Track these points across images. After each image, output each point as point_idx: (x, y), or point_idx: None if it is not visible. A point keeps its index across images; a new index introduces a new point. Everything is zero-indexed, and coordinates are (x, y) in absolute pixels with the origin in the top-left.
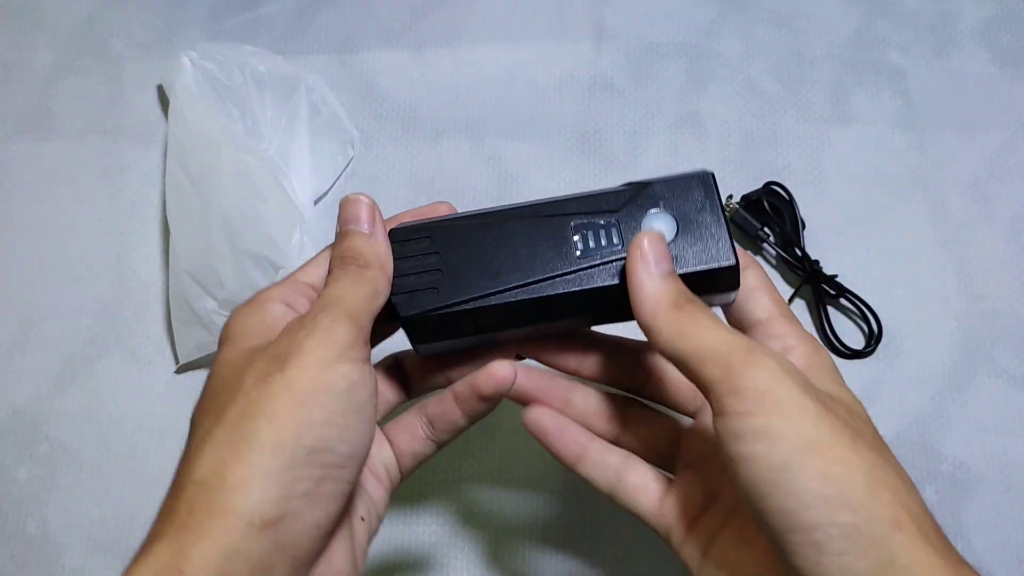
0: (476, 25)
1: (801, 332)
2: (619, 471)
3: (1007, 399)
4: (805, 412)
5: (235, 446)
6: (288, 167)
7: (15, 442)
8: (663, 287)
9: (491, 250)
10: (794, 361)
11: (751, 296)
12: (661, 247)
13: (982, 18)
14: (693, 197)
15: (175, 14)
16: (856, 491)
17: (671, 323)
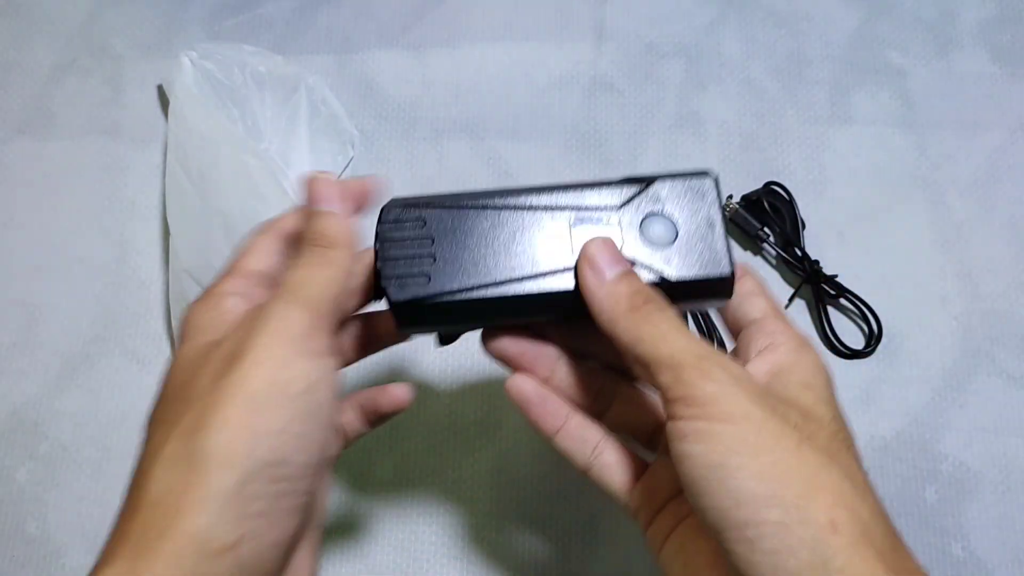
0: (476, 25)
1: (791, 332)
2: (596, 448)
3: (1007, 399)
4: (749, 418)
5: (188, 463)
6: (288, 167)
7: (15, 442)
8: (616, 291)
9: (487, 240)
10: (773, 359)
11: (747, 299)
12: (610, 251)
13: (982, 18)
14: (694, 201)
15: (175, 14)
16: (790, 491)
17: (628, 328)
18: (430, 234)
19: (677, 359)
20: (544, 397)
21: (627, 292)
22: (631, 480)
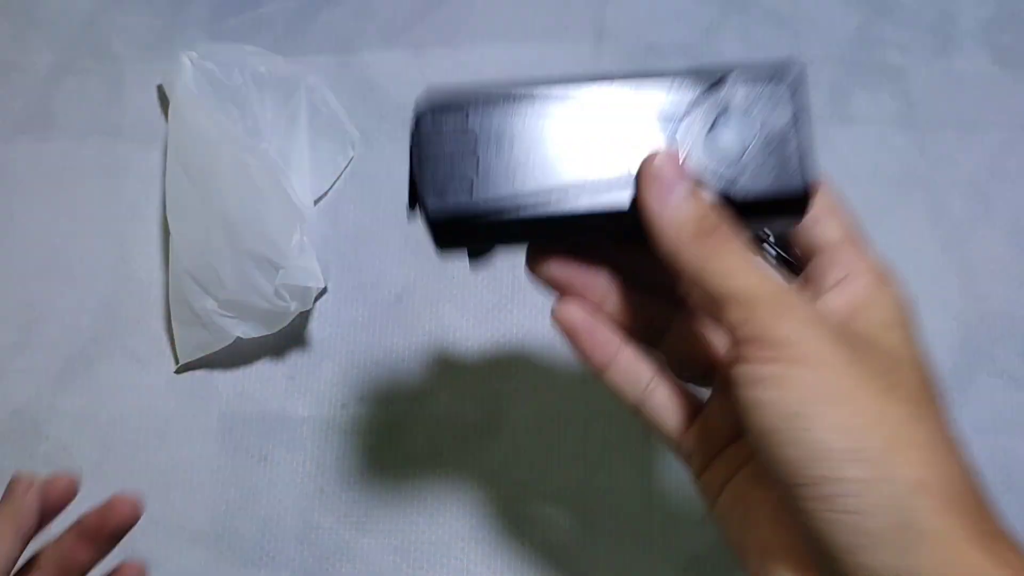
0: (476, 25)
1: (870, 263)
2: (649, 385)
3: (1007, 399)
4: (830, 363)
5: None
6: (288, 167)
7: (15, 442)
8: (681, 214)
9: (538, 142)
10: (851, 293)
11: (820, 220)
12: (674, 166)
13: (982, 18)
14: (774, 99)
15: (175, 14)
16: (874, 446)
17: (695, 257)
18: (473, 128)
19: (750, 295)
20: (593, 327)
21: (694, 216)
22: (685, 422)
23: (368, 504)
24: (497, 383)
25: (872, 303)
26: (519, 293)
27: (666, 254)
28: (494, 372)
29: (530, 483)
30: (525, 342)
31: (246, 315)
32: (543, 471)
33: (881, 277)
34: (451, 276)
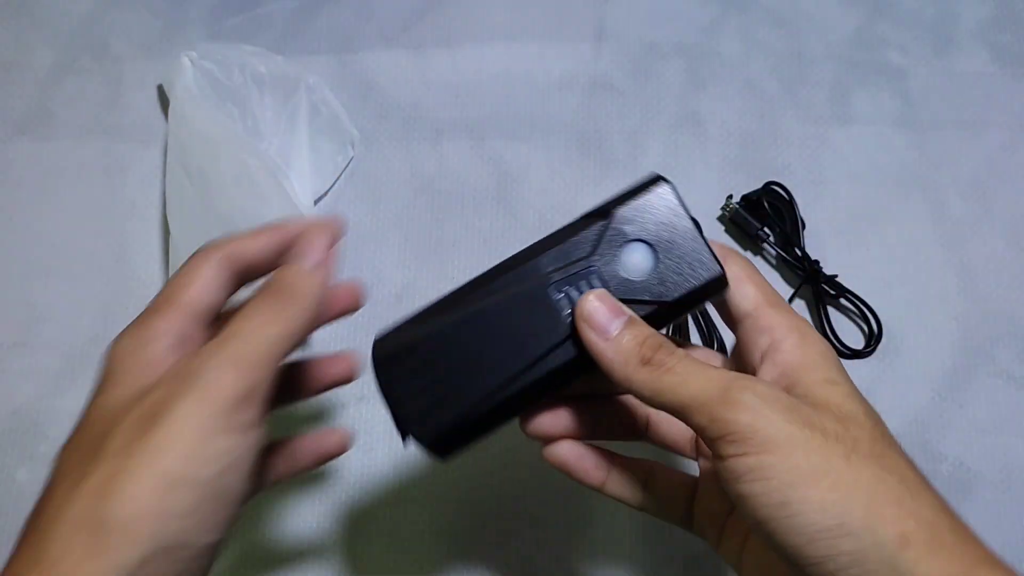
0: (476, 25)
1: (790, 322)
2: (647, 483)
3: (1007, 399)
4: (794, 442)
5: (91, 532)
6: (288, 167)
7: (15, 442)
8: (625, 347)
9: (483, 343)
10: (782, 361)
11: (735, 288)
12: (605, 305)
13: (982, 18)
14: (658, 213)
15: (175, 14)
16: (856, 515)
17: (646, 382)
18: (426, 359)
19: (703, 398)
20: (582, 455)
21: (635, 345)
22: (687, 505)
23: (368, 503)
24: None
25: (804, 363)
26: None
27: (621, 383)
28: None
29: (529, 483)
30: None
31: None
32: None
33: (802, 333)
34: (451, 276)
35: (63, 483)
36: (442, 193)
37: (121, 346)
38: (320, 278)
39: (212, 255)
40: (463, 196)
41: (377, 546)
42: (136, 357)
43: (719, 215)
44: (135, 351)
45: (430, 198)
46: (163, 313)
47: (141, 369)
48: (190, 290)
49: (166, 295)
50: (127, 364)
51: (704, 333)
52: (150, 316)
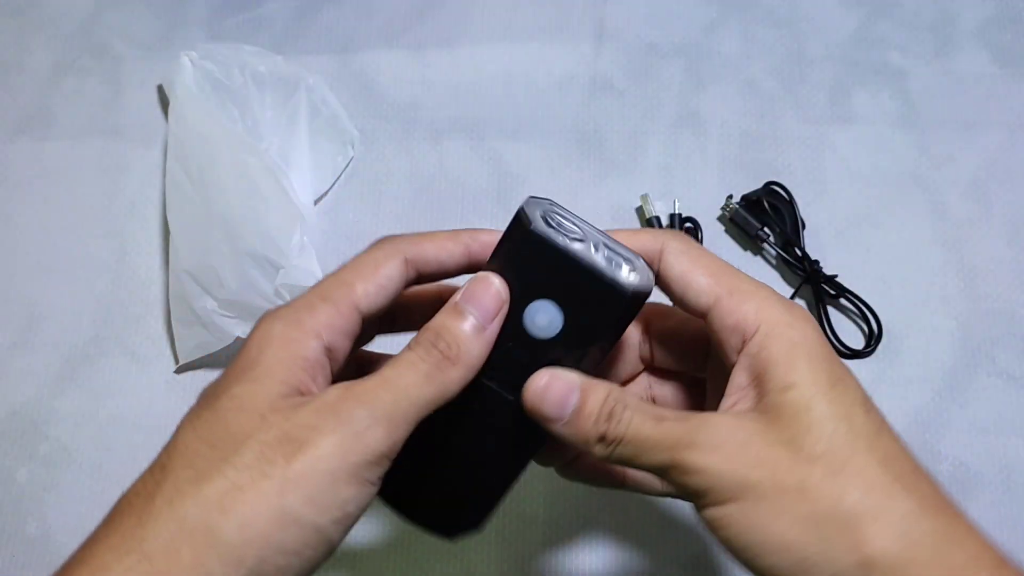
0: (476, 25)
1: (755, 312)
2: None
3: (1007, 399)
4: (746, 489)
5: (198, 543)
6: (288, 167)
7: (15, 442)
8: (581, 428)
9: (462, 449)
10: (750, 363)
11: (688, 283)
12: (546, 393)
13: (982, 18)
14: (538, 259)
15: (175, 14)
16: (813, 552)
17: (616, 450)
18: (426, 481)
19: (667, 454)
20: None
21: (591, 424)
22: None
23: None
24: None
25: (774, 353)
26: None
27: (596, 457)
28: None
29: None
30: None
31: (246, 315)
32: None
33: (771, 323)
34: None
35: (186, 468)
36: (442, 193)
37: (275, 331)
38: (486, 343)
39: (401, 249)
40: (463, 196)
41: (376, 548)
42: (289, 350)
43: (719, 215)
44: (289, 343)
45: (430, 198)
46: (332, 304)
47: (291, 367)
48: (368, 285)
49: (340, 281)
50: (279, 356)
51: None
52: (316, 303)
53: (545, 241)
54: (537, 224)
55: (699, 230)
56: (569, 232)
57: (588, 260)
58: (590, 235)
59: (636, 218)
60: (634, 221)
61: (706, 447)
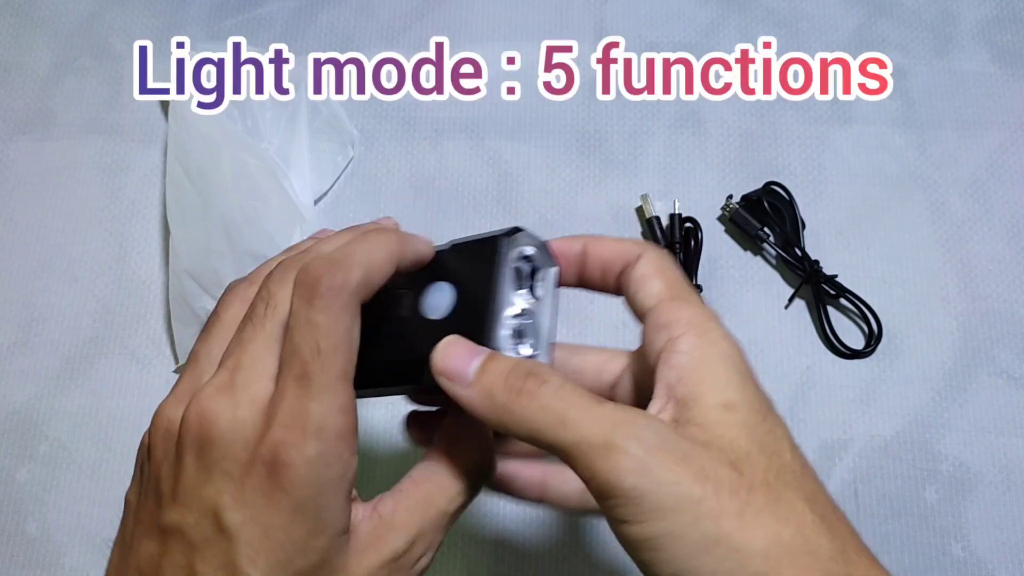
0: (476, 25)
1: (690, 317)
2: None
3: (1007, 399)
4: (683, 507)
5: None
6: (288, 167)
7: (15, 442)
8: (486, 384)
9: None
10: (677, 361)
11: (642, 284)
12: (456, 348)
13: (982, 18)
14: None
15: (175, 14)
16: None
17: (518, 421)
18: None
19: (583, 445)
20: (515, 473)
21: (498, 379)
22: None
23: None
24: None
25: (702, 373)
26: None
27: (496, 427)
28: None
29: None
30: None
31: None
32: None
33: (702, 329)
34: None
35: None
36: (442, 193)
37: (318, 479)
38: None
39: (344, 299)
40: (463, 196)
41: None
42: (336, 495)
43: (719, 215)
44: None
45: (430, 198)
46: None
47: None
48: (346, 364)
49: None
50: (329, 501)
51: None
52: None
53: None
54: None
55: (699, 230)
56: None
57: (478, 235)
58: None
59: (636, 218)
60: (634, 221)
61: (645, 442)
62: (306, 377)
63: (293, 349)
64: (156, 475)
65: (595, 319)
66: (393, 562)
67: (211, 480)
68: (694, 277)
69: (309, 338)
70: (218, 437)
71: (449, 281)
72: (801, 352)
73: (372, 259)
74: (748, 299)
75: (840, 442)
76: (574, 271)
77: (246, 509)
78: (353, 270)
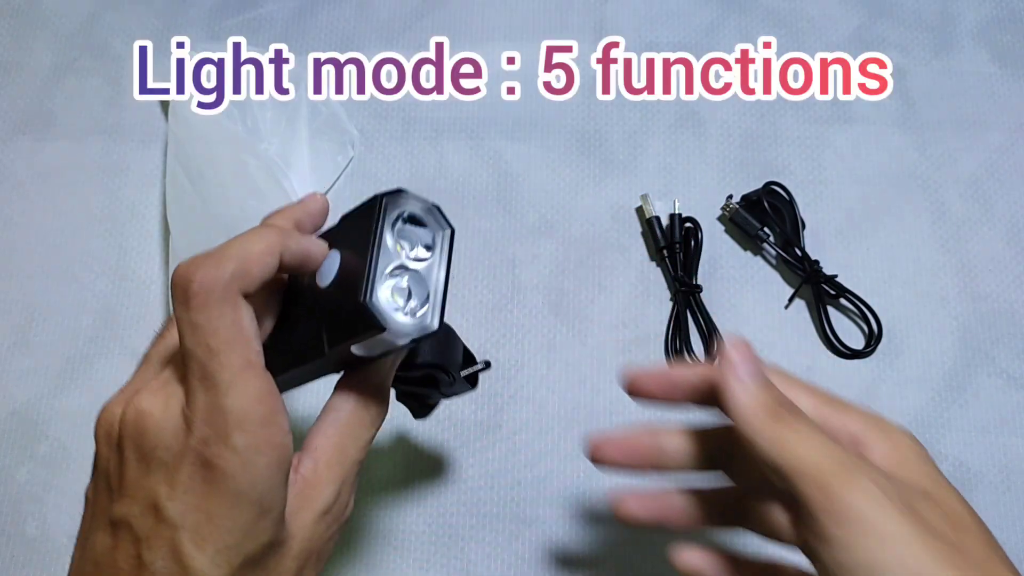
0: (476, 25)
1: (866, 420)
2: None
3: (1007, 399)
4: (905, 540)
5: None
6: (288, 167)
7: (15, 442)
8: (758, 397)
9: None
10: (878, 459)
11: (784, 425)
12: (748, 353)
13: (982, 18)
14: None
15: (175, 14)
16: None
17: (772, 436)
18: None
19: (825, 468)
20: (707, 561)
21: (768, 397)
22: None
23: (367, 503)
24: (497, 383)
25: (901, 460)
26: (519, 293)
27: (744, 429)
28: (494, 373)
29: (529, 483)
30: (525, 342)
31: None
32: (542, 473)
33: (889, 431)
34: (450, 276)
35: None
36: (442, 193)
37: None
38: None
39: (219, 293)
40: (463, 196)
41: (376, 549)
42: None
43: (719, 215)
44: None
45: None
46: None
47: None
48: (245, 355)
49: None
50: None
51: (704, 333)
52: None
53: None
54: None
55: (699, 230)
56: None
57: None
58: None
59: (636, 218)
60: (634, 221)
61: (876, 479)
62: (208, 377)
63: (188, 353)
64: (105, 470)
65: (595, 319)
66: (326, 514)
67: (150, 472)
68: (694, 277)
69: (198, 340)
70: (151, 431)
71: (337, 248)
72: (801, 352)
73: (247, 251)
74: (748, 299)
75: None
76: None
77: (186, 497)
78: (224, 264)
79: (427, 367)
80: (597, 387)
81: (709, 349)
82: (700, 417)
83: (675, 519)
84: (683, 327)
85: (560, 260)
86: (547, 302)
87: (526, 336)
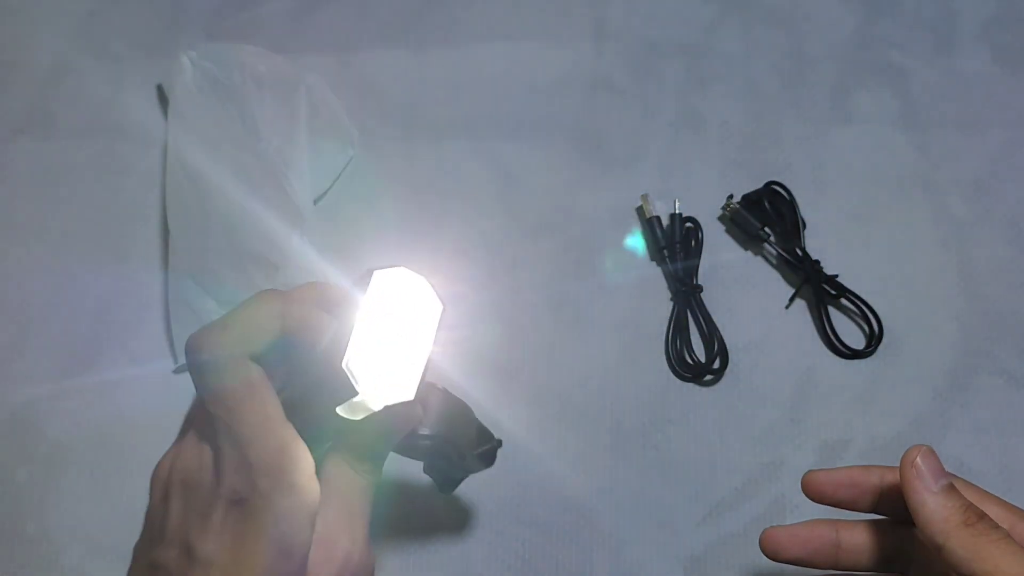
0: (476, 25)
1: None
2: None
3: (1007, 399)
4: None
5: None
6: (288, 167)
7: (15, 442)
8: (948, 504)
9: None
10: None
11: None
12: (934, 460)
13: (983, 17)
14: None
15: (175, 14)
16: None
17: (966, 544)
18: None
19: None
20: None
21: (958, 506)
22: None
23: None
24: (497, 384)
25: None
26: (520, 294)
27: (931, 537)
28: (494, 373)
29: (530, 484)
30: (525, 343)
31: None
32: (542, 473)
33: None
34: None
35: None
36: (442, 193)
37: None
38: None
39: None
40: (463, 196)
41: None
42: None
43: (719, 215)
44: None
45: (430, 198)
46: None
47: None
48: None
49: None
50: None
51: (704, 333)
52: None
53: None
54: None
55: (699, 230)
56: None
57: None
58: None
59: (636, 218)
60: (634, 221)
61: None
62: (231, 434)
63: (211, 415)
64: (151, 519)
65: (595, 319)
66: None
67: (186, 519)
68: (694, 277)
69: (216, 402)
70: (190, 484)
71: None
72: (802, 352)
73: (249, 317)
74: (748, 299)
75: (841, 442)
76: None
77: (217, 538)
78: (229, 330)
79: (430, 439)
80: (598, 387)
81: (709, 349)
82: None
83: (820, 556)
84: (683, 327)
85: (560, 260)
86: (547, 302)
87: (526, 336)
